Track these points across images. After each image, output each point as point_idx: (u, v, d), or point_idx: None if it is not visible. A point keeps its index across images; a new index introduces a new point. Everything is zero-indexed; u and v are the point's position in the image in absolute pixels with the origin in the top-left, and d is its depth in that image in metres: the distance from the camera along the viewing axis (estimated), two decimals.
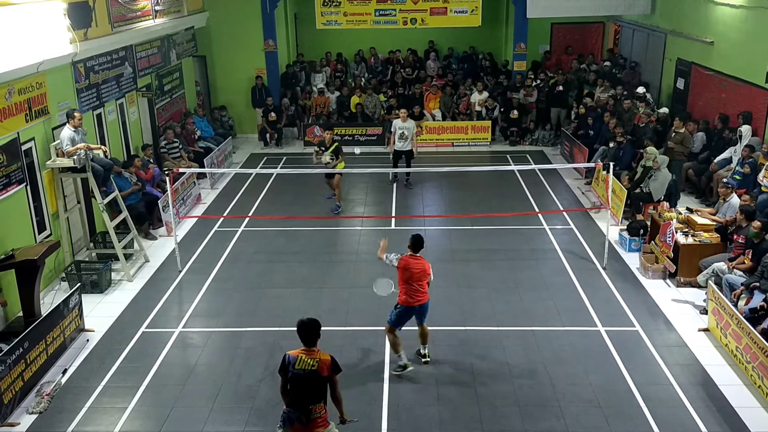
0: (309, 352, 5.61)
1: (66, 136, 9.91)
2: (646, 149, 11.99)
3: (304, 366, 5.55)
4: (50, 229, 10.31)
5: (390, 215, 13.01)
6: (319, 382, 5.59)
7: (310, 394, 5.59)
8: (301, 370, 5.54)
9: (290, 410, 5.64)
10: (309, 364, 5.55)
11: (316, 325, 5.67)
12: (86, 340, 8.72)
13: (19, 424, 7.13)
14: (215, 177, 15.01)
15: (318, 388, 5.62)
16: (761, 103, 12.21)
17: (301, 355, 5.59)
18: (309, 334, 5.64)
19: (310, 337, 5.64)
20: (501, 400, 7.38)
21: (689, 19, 15.30)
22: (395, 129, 14.48)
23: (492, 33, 21.14)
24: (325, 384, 5.64)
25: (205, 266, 10.86)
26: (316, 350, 5.65)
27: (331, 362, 5.64)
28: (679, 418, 7.04)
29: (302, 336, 5.65)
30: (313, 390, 5.60)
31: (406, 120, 14.46)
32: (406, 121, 14.42)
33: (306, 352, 5.62)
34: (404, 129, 14.33)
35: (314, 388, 5.60)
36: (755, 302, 8.19)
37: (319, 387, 5.63)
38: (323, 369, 5.57)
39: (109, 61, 12.49)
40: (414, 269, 7.64)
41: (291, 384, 5.61)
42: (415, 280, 7.64)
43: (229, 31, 18.35)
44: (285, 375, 5.63)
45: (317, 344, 5.71)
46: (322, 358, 5.60)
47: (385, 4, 17.57)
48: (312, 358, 5.57)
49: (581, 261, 10.84)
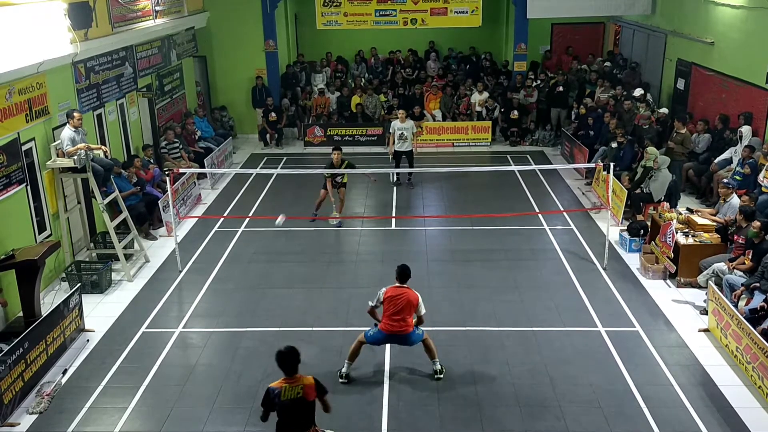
0: (291, 381, 5.61)
1: (66, 137, 9.92)
2: (646, 149, 11.98)
3: (290, 395, 5.56)
4: (50, 229, 10.31)
5: (390, 215, 13.00)
6: (307, 407, 5.64)
7: (300, 421, 5.65)
8: (287, 400, 5.56)
9: None
10: (294, 393, 5.57)
11: (295, 354, 5.63)
12: (86, 341, 8.72)
13: (19, 424, 7.13)
14: (215, 177, 15.02)
15: (307, 414, 5.67)
16: (761, 104, 12.21)
17: (285, 385, 5.59)
18: (289, 363, 5.61)
19: (290, 366, 5.62)
20: (501, 400, 7.38)
21: (689, 19, 15.30)
22: (394, 130, 14.53)
23: (492, 33, 21.14)
24: (313, 408, 5.68)
25: (206, 266, 10.86)
26: (297, 376, 5.63)
27: (315, 385, 5.65)
28: (679, 419, 7.04)
29: (282, 366, 5.63)
30: (302, 417, 5.64)
31: (405, 120, 14.51)
32: (405, 122, 14.47)
33: (288, 381, 5.61)
34: (403, 129, 14.38)
35: (304, 414, 5.64)
36: (755, 303, 8.19)
37: (308, 412, 5.68)
38: (309, 394, 5.60)
39: (109, 61, 12.50)
40: (397, 300, 7.44)
41: (280, 415, 5.63)
42: (397, 312, 7.44)
43: (229, 32, 18.36)
44: (269, 408, 5.64)
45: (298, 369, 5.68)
46: (305, 384, 5.60)
47: (385, 4, 17.58)
48: (296, 385, 5.58)
49: (581, 261, 10.84)
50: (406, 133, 14.38)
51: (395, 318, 7.46)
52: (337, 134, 18.00)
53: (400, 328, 7.49)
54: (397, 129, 14.42)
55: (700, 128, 13.33)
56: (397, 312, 7.44)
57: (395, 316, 7.45)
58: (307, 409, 5.64)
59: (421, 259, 11.00)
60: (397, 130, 14.43)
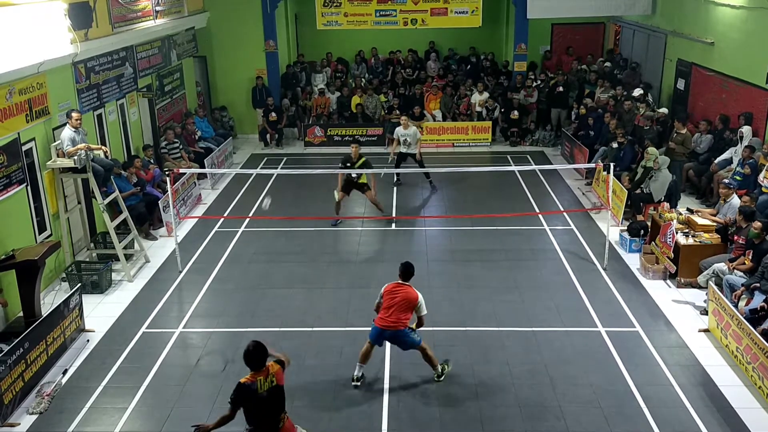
0: (261, 373, 5.62)
1: (66, 137, 9.92)
2: (646, 149, 11.99)
3: (267, 386, 5.59)
4: (51, 229, 10.32)
5: (390, 215, 13.00)
6: (281, 393, 5.73)
7: (277, 408, 5.73)
8: (265, 392, 5.58)
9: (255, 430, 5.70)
10: (269, 382, 5.61)
11: (262, 348, 5.64)
12: (86, 341, 8.72)
13: (19, 424, 7.13)
14: (216, 177, 15.02)
15: (282, 400, 5.75)
16: (762, 104, 12.21)
17: (259, 378, 5.59)
18: (257, 358, 5.62)
19: (259, 361, 5.63)
20: (501, 400, 7.38)
21: (690, 19, 15.30)
22: (397, 136, 14.26)
23: (492, 33, 21.14)
24: (283, 391, 5.75)
25: (206, 266, 10.86)
26: (266, 366, 5.66)
27: (281, 368, 5.76)
28: (679, 419, 7.04)
29: (252, 363, 5.62)
30: (278, 404, 5.73)
31: (408, 127, 14.16)
32: (408, 128, 14.13)
33: (260, 374, 5.61)
34: (406, 136, 14.07)
35: (279, 401, 5.73)
36: (755, 303, 8.19)
37: (282, 398, 5.76)
38: (280, 379, 5.69)
39: (109, 61, 12.50)
40: (394, 296, 7.43)
41: (260, 409, 5.62)
42: (391, 307, 7.39)
43: (229, 32, 18.36)
44: (240, 405, 5.62)
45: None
46: (274, 371, 5.67)
47: (385, 4, 17.58)
48: (268, 375, 5.62)
49: (581, 261, 10.84)
50: (410, 139, 14.11)
51: (387, 312, 7.42)
52: (337, 134, 18.00)
53: (392, 324, 7.39)
54: (401, 135, 14.15)
55: (703, 128, 13.33)
56: (391, 306, 7.41)
57: (388, 310, 7.42)
58: (282, 394, 5.72)
59: (421, 259, 10.99)
60: (400, 137, 14.16)
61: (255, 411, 5.65)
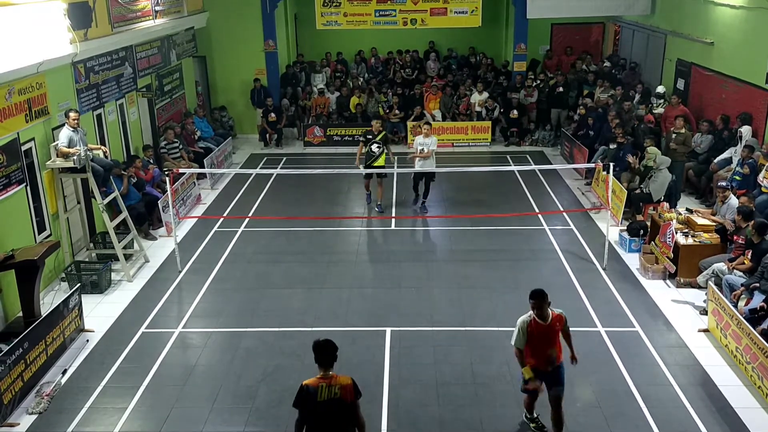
0: (328, 379, 5.22)
1: (64, 136, 9.92)
2: (647, 149, 11.99)
3: (328, 395, 5.16)
4: (50, 229, 10.31)
5: (390, 215, 13.00)
6: (345, 410, 5.21)
7: (341, 424, 5.21)
8: (325, 401, 5.14)
9: None
10: (333, 392, 5.16)
11: (332, 346, 5.29)
12: (86, 341, 8.72)
13: (18, 424, 7.13)
14: (215, 177, 15.01)
15: (347, 416, 5.24)
16: (761, 104, 12.21)
17: (321, 383, 5.19)
18: (326, 354, 5.26)
19: (327, 358, 5.26)
20: (501, 400, 7.37)
21: (689, 19, 15.30)
22: (417, 145, 12.83)
23: (492, 33, 21.15)
24: (352, 410, 5.25)
25: (205, 266, 10.86)
26: (333, 375, 5.25)
27: (352, 386, 5.26)
28: (679, 419, 7.03)
29: (320, 358, 5.27)
30: (343, 419, 5.21)
31: (429, 135, 12.83)
32: (429, 137, 12.81)
33: (325, 380, 5.22)
34: (424, 145, 12.69)
35: (344, 416, 5.22)
36: (755, 303, 8.18)
37: (348, 414, 5.24)
38: (347, 395, 5.21)
39: (109, 61, 12.49)
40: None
41: (317, 418, 5.18)
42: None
43: (229, 32, 18.36)
44: (305, 409, 5.20)
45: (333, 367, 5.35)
46: (343, 384, 5.22)
47: (385, 4, 17.58)
48: (333, 385, 5.19)
49: (581, 261, 10.84)
50: (427, 148, 12.68)
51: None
52: (336, 134, 18.00)
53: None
54: (420, 144, 12.76)
55: (704, 129, 13.33)
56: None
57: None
58: (345, 411, 5.20)
59: (421, 259, 11.00)
60: (419, 145, 12.78)
61: (312, 420, 5.20)
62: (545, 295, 6.36)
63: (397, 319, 9.06)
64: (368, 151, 12.82)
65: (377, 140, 12.77)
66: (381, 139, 12.81)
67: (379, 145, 12.78)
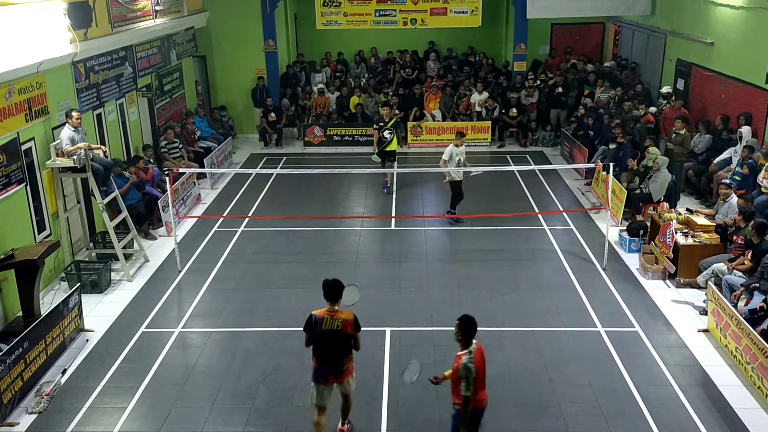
0: (333, 313, 6.25)
1: (66, 136, 9.91)
2: (647, 149, 11.99)
3: (330, 326, 6.22)
4: (50, 229, 10.31)
5: (390, 215, 13.00)
6: (345, 338, 6.29)
7: (340, 349, 6.32)
8: (328, 330, 6.21)
9: (321, 368, 6.35)
10: (335, 325, 6.23)
11: (339, 284, 6.31)
12: (86, 340, 8.72)
13: (18, 424, 7.13)
14: (215, 177, 15.01)
15: (345, 344, 6.33)
16: (761, 104, 12.21)
17: (327, 316, 6.25)
18: (333, 291, 6.27)
19: (333, 294, 6.27)
20: (501, 400, 7.37)
21: (689, 19, 15.31)
22: (453, 156, 12.21)
23: (492, 33, 21.15)
24: (350, 339, 6.32)
25: (205, 266, 10.85)
26: (338, 310, 6.26)
27: (353, 321, 6.29)
28: (678, 419, 7.04)
29: (327, 294, 6.29)
30: (341, 346, 6.32)
31: (462, 145, 12.35)
32: (461, 146, 12.33)
33: (330, 313, 6.26)
34: (460, 155, 12.24)
35: (342, 344, 6.31)
36: (755, 303, 8.18)
37: (346, 343, 6.32)
38: (347, 327, 6.24)
39: (109, 61, 12.49)
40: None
41: (320, 342, 6.28)
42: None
43: (229, 31, 18.36)
44: (311, 332, 6.31)
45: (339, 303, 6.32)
46: (344, 318, 6.25)
47: (385, 4, 17.58)
48: (336, 318, 6.23)
49: (581, 261, 10.84)
50: (463, 158, 12.32)
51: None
52: (336, 134, 18.00)
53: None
54: (455, 155, 12.19)
55: (701, 129, 13.34)
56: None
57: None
58: (344, 340, 6.29)
59: (421, 259, 11.00)
60: (455, 155, 12.20)
61: (317, 344, 6.31)
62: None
63: (397, 319, 9.06)
64: (380, 137, 13.89)
65: (388, 126, 13.83)
66: (392, 125, 13.84)
67: (391, 131, 13.83)
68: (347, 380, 6.50)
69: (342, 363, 6.37)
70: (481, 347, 5.94)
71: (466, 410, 5.81)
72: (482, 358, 5.92)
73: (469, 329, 5.89)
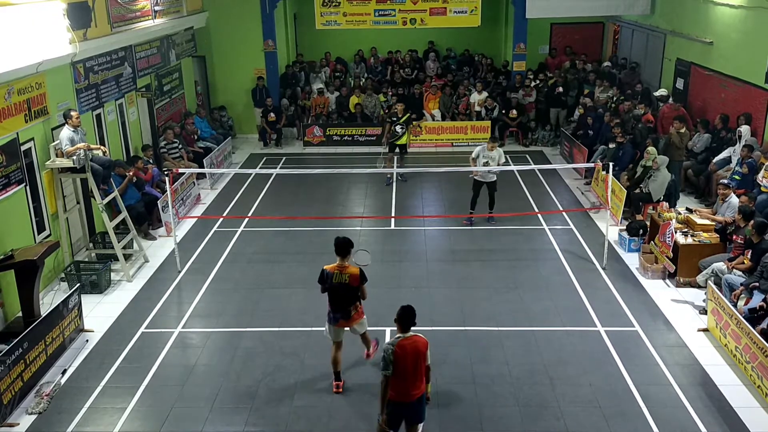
0: (342, 268, 7.17)
1: (65, 137, 9.91)
2: (646, 149, 11.99)
3: (339, 280, 7.19)
4: (50, 229, 10.31)
5: (390, 215, 13.00)
6: (352, 290, 7.25)
7: (347, 299, 7.30)
8: (337, 283, 7.19)
9: (333, 312, 7.37)
10: (343, 279, 7.18)
11: (349, 242, 7.26)
12: (86, 341, 8.72)
13: (18, 424, 7.13)
14: (215, 177, 15.01)
15: (352, 295, 7.30)
16: (761, 103, 12.22)
17: (336, 271, 7.18)
18: (343, 248, 7.20)
19: (343, 251, 7.20)
20: (501, 400, 7.38)
21: (689, 19, 15.31)
22: (479, 155, 12.19)
23: (491, 33, 21.15)
24: (356, 291, 7.29)
25: (205, 266, 10.85)
26: (347, 266, 7.17)
27: (359, 275, 7.19)
28: (678, 419, 7.04)
29: (337, 250, 7.22)
30: (349, 297, 7.29)
31: (494, 149, 12.15)
32: (493, 150, 12.13)
33: (339, 268, 7.17)
34: (489, 159, 12.08)
35: (349, 295, 7.28)
36: (755, 302, 8.19)
37: (353, 294, 7.29)
38: (354, 281, 7.18)
39: (108, 61, 12.49)
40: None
41: (331, 293, 7.28)
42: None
43: (228, 32, 18.35)
44: (323, 285, 7.30)
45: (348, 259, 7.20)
46: (351, 273, 7.17)
47: (384, 4, 17.56)
48: (344, 274, 7.16)
49: (581, 261, 10.84)
50: (492, 162, 12.03)
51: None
52: (336, 134, 18.00)
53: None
54: (483, 157, 12.09)
55: (700, 128, 13.33)
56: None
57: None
58: (352, 291, 7.26)
59: (421, 259, 11.00)
60: (482, 157, 12.10)
61: (330, 294, 7.31)
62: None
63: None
64: (393, 131, 14.54)
65: (401, 122, 14.43)
66: (404, 120, 14.48)
67: (403, 126, 14.46)
68: (357, 322, 7.47)
69: (349, 310, 7.34)
70: (418, 344, 5.96)
71: (384, 392, 5.95)
72: (413, 354, 5.91)
73: (402, 318, 6.05)
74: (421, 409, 6.11)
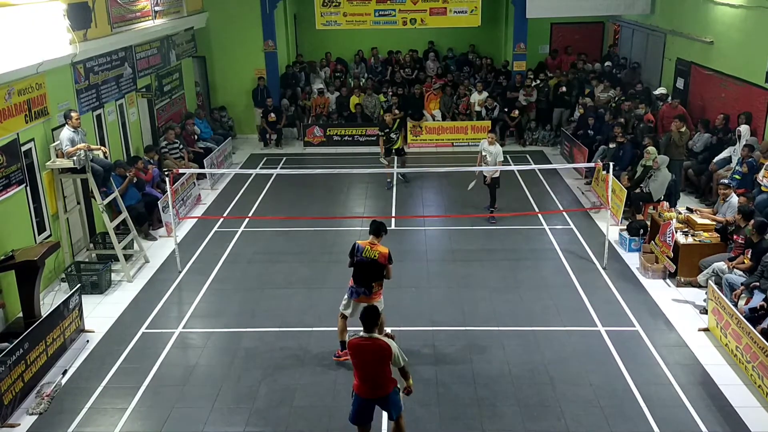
0: (373, 245, 7.65)
1: (65, 137, 9.92)
2: (646, 149, 11.99)
3: (369, 255, 7.62)
4: (50, 229, 10.31)
5: (390, 215, 13.00)
6: (378, 267, 7.66)
7: (372, 275, 7.69)
8: (366, 258, 7.62)
9: (356, 287, 7.78)
10: (372, 255, 7.61)
11: (382, 225, 7.81)
12: (86, 341, 8.72)
13: (19, 425, 7.13)
14: (215, 177, 15.02)
15: (377, 272, 7.68)
16: (761, 103, 12.21)
17: (367, 246, 7.67)
18: (378, 229, 7.75)
19: (377, 231, 7.74)
20: (501, 400, 7.38)
21: (689, 18, 15.31)
22: (482, 149, 12.63)
23: (492, 33, 21.14)
24: (382, 269, 7.68)
25: (205, 267, 10.86)
26: (378, 244, 7.67)
27: (388, 255, 7.64)
28: (679, 418, 7.04)
29: (372, 230, 7.76)
30: (374, 273, 7.68)
31: (494, 143, 12.42)
32: (493, 145, 12.38)
33: (371, 245, 7.66)
34: (488, 153, 12.39)
35: (375, 271, 7.68)
36: (755, 302, 8.19)
37: (378, 271, 7.67)
38: (382, 259, 7.61)
39: (108, 61, 12.49)
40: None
41: (358, 267, 7.70)
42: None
43: (228, 32, 18.36)
44: (352, 258, 7.73)
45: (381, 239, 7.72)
46: (381, 251, 7.62)
47: (384, 4, 17.57)
48: (374, 250, 7.61)
49: (581, 261, 10.84)
50: (490, 158, 12.29)
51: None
52: (336, 134, 18.00)
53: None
54: (484, 150, 12.48)
55: (700, 128, 13.33)
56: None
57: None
58: (378, 269, 7.67)
59: (421, 259, 11.00)
60: (483, 150, 12.51)
61: (356, 268, 7.73)
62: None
63: (397, 319, 9.04)
64: (387, 139, 14.56)
65: (393, 130, 14.49)
66: (396, 128, 14.53)
67: (396, 133, 14.55)
68: (375, 300, 7.68)
69: (372, 286, 7.70)
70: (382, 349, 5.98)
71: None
72: (360, 354, 6.05)
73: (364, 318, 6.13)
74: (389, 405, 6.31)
